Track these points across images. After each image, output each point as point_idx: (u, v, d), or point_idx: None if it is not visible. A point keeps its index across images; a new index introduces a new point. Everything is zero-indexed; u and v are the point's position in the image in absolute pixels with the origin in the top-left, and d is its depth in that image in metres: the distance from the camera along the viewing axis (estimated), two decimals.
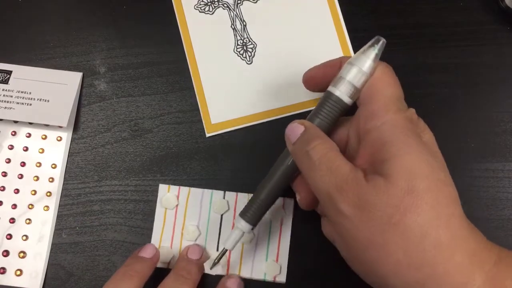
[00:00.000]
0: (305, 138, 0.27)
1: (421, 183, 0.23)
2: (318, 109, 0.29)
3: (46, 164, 0.37)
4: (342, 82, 0.28)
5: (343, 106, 0.28)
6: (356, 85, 0.28)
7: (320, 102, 0.29)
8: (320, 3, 0.39)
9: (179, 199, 0.36)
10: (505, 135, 0.37)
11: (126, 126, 0.38)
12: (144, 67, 0.38)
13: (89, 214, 0.36)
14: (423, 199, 0.23)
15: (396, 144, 0.24)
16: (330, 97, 0.28)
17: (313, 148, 0.26)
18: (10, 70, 0.38)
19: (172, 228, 0.35)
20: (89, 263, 0.35)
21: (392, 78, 0.28)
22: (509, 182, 0.36)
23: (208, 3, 0.40)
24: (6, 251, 0.35)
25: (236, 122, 0.37)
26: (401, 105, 0.27)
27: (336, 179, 0.24)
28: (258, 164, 0.37)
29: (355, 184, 0.24)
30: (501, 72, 0.38)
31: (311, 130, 0.28)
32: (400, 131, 0.25)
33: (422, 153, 0.24)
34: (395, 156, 0.24)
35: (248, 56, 0.39)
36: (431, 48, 0.39)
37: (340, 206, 0.24)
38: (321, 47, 0.39)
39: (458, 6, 0.39)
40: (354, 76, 0.28)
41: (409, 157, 0.24)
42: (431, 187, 0.23)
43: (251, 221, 0.31)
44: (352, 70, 0.28)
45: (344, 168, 0.25)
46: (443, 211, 0.23)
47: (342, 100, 0.28)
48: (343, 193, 0.24)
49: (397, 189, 0.23)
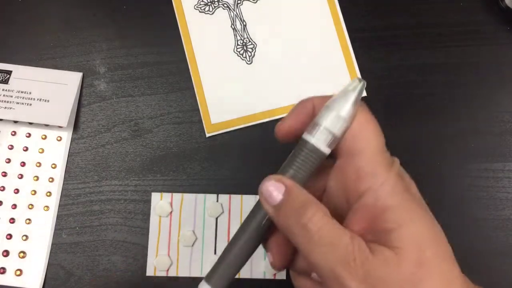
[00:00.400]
0: (295, 204, 0.24)
1: (429, 252, 0.22)
2: (292, 159, 0.26)
3: (46, 164, 0.37)
4: (318, 129, 0.25)
5: (320, 156, 0.25)
6: (335, 132, 0.25)
7: (294, 152, 0.26)
8: (320, 3, 0.39)
9: (173, 205, 0.36)
10: (505, 135, 0.37)
11: (126, 126, 0.38)
12: (144, 67, 0.38)
13: (89, 214, 0.36)
14: (433, 268, 0.22)
15: (398, 211, 0.23)
16: (305, 146, 0.25)
17: (310, 220, 0.23)
18: (10, 70, 0.38)
19: (168, 235, 0.35)
20: (89, 263, 0.35)
21: (375, 125, 0.25)
22: (509, 182, 0.36)
23: (208, 3, 0.40)
24: (6, 251, 0.35)
25: (236, 122, 0.37)
26: (388, 157, 0.25)
27: (341, 254, 0.22)
28: (258, 164, 0.37)
29: (363, 259, 0.22)
30: (501, 72, 0.38)
31: (298, 193, 0.24)
32: (398, 193, 0.24)
33: (424, 218, 0.24)
34: (400, 226, 0.23)
35: (248, 56, 0.39)
36: (431, 48, 0.39)
37: (348, 284, 0.22)
38: (321, 47, 0.39)
39: (458, 6, 0.39)
40: (332, 122, 0.24)
41: (414, 226, 0.23)
42: (438, 254, 0.23)
43: (219, 285, 0.27)
44: (329, 115, 0.25)
45: (345, 239, 0.23)
46: (451, 275, 0.23)
47: (319, 149, 0.25)
48: (350, 270, 0.22)
49: (409, 262, 0.22)
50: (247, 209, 0.35)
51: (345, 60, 0.38)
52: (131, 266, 0.35)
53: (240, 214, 0.36)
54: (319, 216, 0.23)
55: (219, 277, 0.27)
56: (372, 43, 0.39)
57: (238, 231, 0.27)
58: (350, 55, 0.39)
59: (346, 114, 0.25)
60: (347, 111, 0.25)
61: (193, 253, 0.35)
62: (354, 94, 0.25)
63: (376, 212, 0.24)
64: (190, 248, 0.35)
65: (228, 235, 0.35)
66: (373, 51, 0.39)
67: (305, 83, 0.38)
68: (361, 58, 0.39)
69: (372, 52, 0.39)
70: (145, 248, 0.35)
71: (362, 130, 0.25)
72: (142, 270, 0.35)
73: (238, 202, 0.36)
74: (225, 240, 0.35)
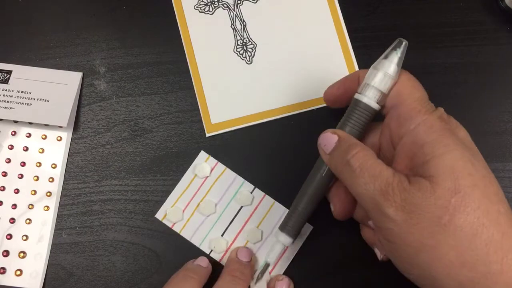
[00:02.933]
0: (342, 147, 0.27)
1: (466, 181, 0.23)
2: (347, 117, 0.29)
3: (46, 164, 0.37)
4: (369, 88, 0.28)
5: (372, 112, 0.28)
6: (383, 90, 0.28)
7: (348, 110, 0.29)
8: (320, 3, 0.39)
9: (212, 172, 0.36)
10: (505, 135, 0.37)
11: (126, 126, 0.38)
12: (144, 67, 0.38)
13: (89, 214, 0.36)
14: (470, 197, 0.23)
15: (434, 144, 0.24)
16: (358, 105, 0.29)
17: (353, 156, 0.26)
18: (10, 70, 0.38)
19: (192, 195, 0.36)
20: (89, 263, 0.35)
21: (416, 82, 0.28)
22: (509, 182, 0.36)
23: (208, 3, 0.40)
24: (6, 251, 0.35)
25: (236, 122, 0.37)
26: (430, 106, 0.27)
27: (381, 184, 0.24)
28: (258, 164, 0.37)
29: (400, 188, 0.24)
30: (501, 72, 0.38)
31: (347, 138, 0.28)
32: (436, 131, 0.25)
33: (461, 150, 0.24)
34: (435, 157, 0.24)
35: (248, 56, 0.39)
36: (431, 48, 0.39)
37: (387, 211, 0.24)
38: (321, 47, 0.39)
39: (458, 6, 0.39)
40: (380, 81, 0.28)
41: (449, 156, 0.24)
42: (477, 184, 0.23)
43: (291, 234, 0.31)
44: (377, 75, 0.28)
45: (386, 173, 0.25)
46: (491, 208, 0.23)
47: (370, 106, 0.28)
48: (389, 198, 0.24)
49: (444, 189, 0.23)
50: (273, 215, 0.36)
51: (345, 60, 0.39)
52: (131, 266, 0.35)
53: (263, 216, 0.36)
54: (361, 154, 0.26)
55: (292, 226, 0.31)
56: (372, 43, 0.39)
57: (304, 184, 0.31)
58: (350, 55, 0.39)
59: (392, 72, 0.28)
60: (392, 70, 0.28)
61: (204, 224, 0.35)
62: (397, 55, 0.28)
63: (414, 149, 0.25)
64: (204, 217, 0.35)
65: (242, 227, 0.35)
66: (373, 51, 0.39)
67: (305, 83, 0.38)
68: (361, 58, 0.39)
69: (372, 52, 0.39)
70: (145, 248, 0.35)
71: (403, 86, 0.28)
72: (142, 270, 0.35)
73: (268, 205, 0.36)
74: (238, 229, 0.35)
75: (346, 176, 0.26)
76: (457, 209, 0.23)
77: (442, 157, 0.24)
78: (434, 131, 0.25)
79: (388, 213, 0.24)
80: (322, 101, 0.38)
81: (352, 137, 0.28)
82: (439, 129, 0.25)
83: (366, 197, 0.25)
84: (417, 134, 0.25)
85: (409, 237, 0.23)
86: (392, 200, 0.24)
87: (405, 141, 0.26)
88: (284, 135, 0.37)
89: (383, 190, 0.24)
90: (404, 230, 0.23)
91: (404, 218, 0.23)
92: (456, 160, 0.24)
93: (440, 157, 0.24)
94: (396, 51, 0.28)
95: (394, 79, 0.28)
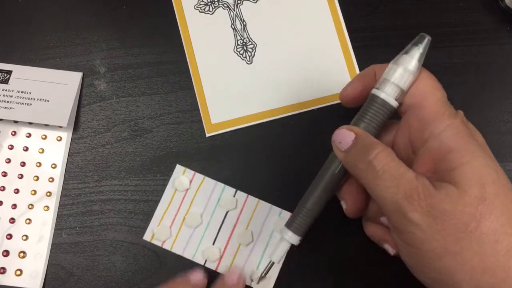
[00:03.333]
0: (362, 146, 0.26)
1: (490, 189, 0.23)
2: (363, 113, 0.27)
3: (46, 164, 0.37)
4: (387, 83, 0.27)
5: (390, 109, 0.27)
6: (402, 86, 0.26)
7: (364, 106, 0.28)
8: (320, 3, 0.39)
9: (191, 184, 0.36)
10: (506, 135, 0.37)
11: (126, 126, 0.38)
12: (144, 67, 0.38)
13: (89, 214, 0.36)
14: (494, 205, 0.23)
15: (461, 151, 0.24)
16: (375, 100, 0.27)
17: (375, 157, 0.25)
18: (10, 70, 0.38)
19: (177, 210, 0.36)
20: (89, 263, 0.35)
21: (437, 81, 0.27)
22: None
23: (208, 3, 0.40)
24: (6, 251, 0.35)
25: (236, 122, 0.37)
26: (452, 108, 0.26)
27: (405, 187, 0.24)
28: (257, 164, 0.37)
29: (426, 193, 0.24)
30: (501, 72, 0.38)
31: (365, 137, 0.26)
32: (462, 137, 0.25)
33: (485, 157, 0.24)
34: (463, 164, 0.24)
35: (248, 56, 0.39)
36: (431, 48, 0.38)
37: (411, 215, 0.23)
38: (321, 47, 0.39)
39: (458, 6, 0.39)
40: (400, 77, 0.26)
41: (476, 164, 0.24)
42: (499, 192, 0.23)
43: (298, 231, 0.30)
44: (397, 70, 0.26)
45: (409, 176, 0.24)
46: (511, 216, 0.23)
47: (388, 103, 0.27)
48: (413, 202, 0.23)
49: (471, 197, 0.23)
50: (260, 214, 0.35)
51: (345, 60, 0.39)
52: (131, 266, 0.35)
53: (250, 217, 0.35)
54: (383, 155, 0.25)
55: (299, 223, 0.29)
56: (372, 43, 0.39)
57: (314, 181, 0.29)
58: (350, 55, 0.39)
59: (413, 68, 0.26)
60: (413, 65, 0.26)
61: (193, 236, 0.35)
62: (419, 50, 0.27)
63: (441, 154, 0.25)
64: (192, 230, 0.35)
65: (232, 231, 0.35)
66: (373, 51, 0.39)
67: (305, 83, 0.38)
68: (361, 58, 0.39)
69: (372, 52, 0.39)
70: (145, 248, 0.35)
71: (424, 85, 0.27)
72: (142, 270, 0.35)
73: (253, 205, 0.36)
74: (228, 234, 0.35)
75: (366, 177, 0.25)
76: (483, 216, 0.23)
77: (469, 164, 0.24)
78: (461, 137, 0.25)
79: (412, 218, 0.23)
80: (322, 101, 0.38)
81: (370, 135, 0.27)
82: (464, 135, 0.25)
83: (388, 200, 0.24)
84: (443, 140, 0.25)
85: (433, 242, 0.23)
86: (418, 204, 0.23)
87: (431, 145, 0.25)
88: (284, 135, 0.37)
89: (407, 194, 0.24)
90: (428, 235, 0.23)
91: (429, 224, 0.23)
92: (482, 167, 0.24)
93: (467, 164, 0.24)
94: (418, 46, 0.27)
95: (415, 75, 0.26)
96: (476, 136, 0.26)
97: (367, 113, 0.27)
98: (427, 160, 0.26)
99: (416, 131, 0.26)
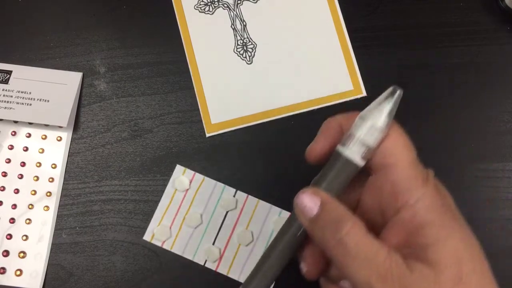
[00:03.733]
0: (330, 220, 0.24)
1: (467, 267, 0.23)
2: (327, 170, 0.25)
3: (46, 164, 0.37)
4: (353, 140, 0.24)
5: (355, 168, 0.24)
6: (370, 144, 0.24)
7: (329, 163, 0.25)
8: (320, 3, 0.39)
9: (191, 184, 0.36)
10: (506, 135, 0.37)
11: (126, 126, 0.38)
12: (144, 67, 0.38)
13: (89, 214, 0.36)
14: (471, 283, 0.22)
15: (435, 227, 0.23)
16: (338, 159, 0.24)
17: (346, 234, 0.23)
18: (10, 70, 0.38)
19: (177, 210, 0.36)
20: (89, 263, 0.35)
21: (406, 138, 0.25)
22: (509, 182, 0.36)
23: (208, 3, 0.40)
24: (6, 251, 0.35)
25: (236, 122, 0.37)
26: (422, 170, 0.25)
27: (378, 269, 0.22)
28: (257, 164, 0.37)
29: (400, 275, 0.22)
30: (501, 72, 0.38)
31: (333, 207, 0.24)
32: (435, 209, 0.24)
33: (461, 233, 0.24)
34: (438, 242, 0.23)
35: (248, 56, 0.39)
36: (431, 48, 0.39)
37: None
38: (321, 47, 0.39)
39: (458, 6, 0.39)
40: (367, 133, 0.24)
41: (452, 242, 0.23)
42: (476, 269, 0.23)
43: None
44: (364, 126, 0.24)
45: (383, 254, 0.23)
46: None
47: (353, 162, 0.24)
48: (386, 283, 0.22)
49: (447, 278, 0.22)
50: (260, 214, 0.35)
51: (345, 60, 0.39)
52: (131, 266, 0.35)
53: (250, 216, 0.36)
54: (355, 231, 0.23)
55: (256, 286, 0.26)
56: (372, 43, 0.39)
57: (273, 242, 0.27)
58: (350, 55, 0.39)
59: (382, 125, 0.24)
60: (382, 121, 0.24)
61: (193, 236, 0.35)
62: (389, 104, 0.24)
63: (414, 227, 0.23)
64: (192, 230, 0.35)
65: (232, 231, 0.35)
66: (373, 51, 0.39)
67: (305, 83, 0.38)
68: (361, 58, 0.39)
69: (372, 52, 0.39)
70: (145, 248, 0.35)
71: (394, 143, 0.24)
72: (142, 270, 0.35)
73: (253, 205, 0.36)
74: (228, 234, 0.35)
75: (337, 254, 0.23)
76: None
77: (445, 243, 0.23)
78: (435, 209, 0.24)
79: None
80: (321, 101, 0.38)
81: (337, 203, 0.24)
82: (438, 207, 0.24)
83: (361, 281, 0.23)
84: (416, 212, 0.23)
85: None
86: (391, 286, 0.22)
87: (402, 216, 0.24)
88: (284, 135, 0.37)
89: (381, 275, 0.22)
90: None
91: None
92: (458, 245, 0.23)
93: (443, 243, 0.23)
94: (388, 100, 0.24)
95: (384, 132, 0.24)
96: (446, 200, 0.25)
97: (330, 171, 0.25)
98: (400, 232, 0.24)
99: (388, 196, 0.25)
